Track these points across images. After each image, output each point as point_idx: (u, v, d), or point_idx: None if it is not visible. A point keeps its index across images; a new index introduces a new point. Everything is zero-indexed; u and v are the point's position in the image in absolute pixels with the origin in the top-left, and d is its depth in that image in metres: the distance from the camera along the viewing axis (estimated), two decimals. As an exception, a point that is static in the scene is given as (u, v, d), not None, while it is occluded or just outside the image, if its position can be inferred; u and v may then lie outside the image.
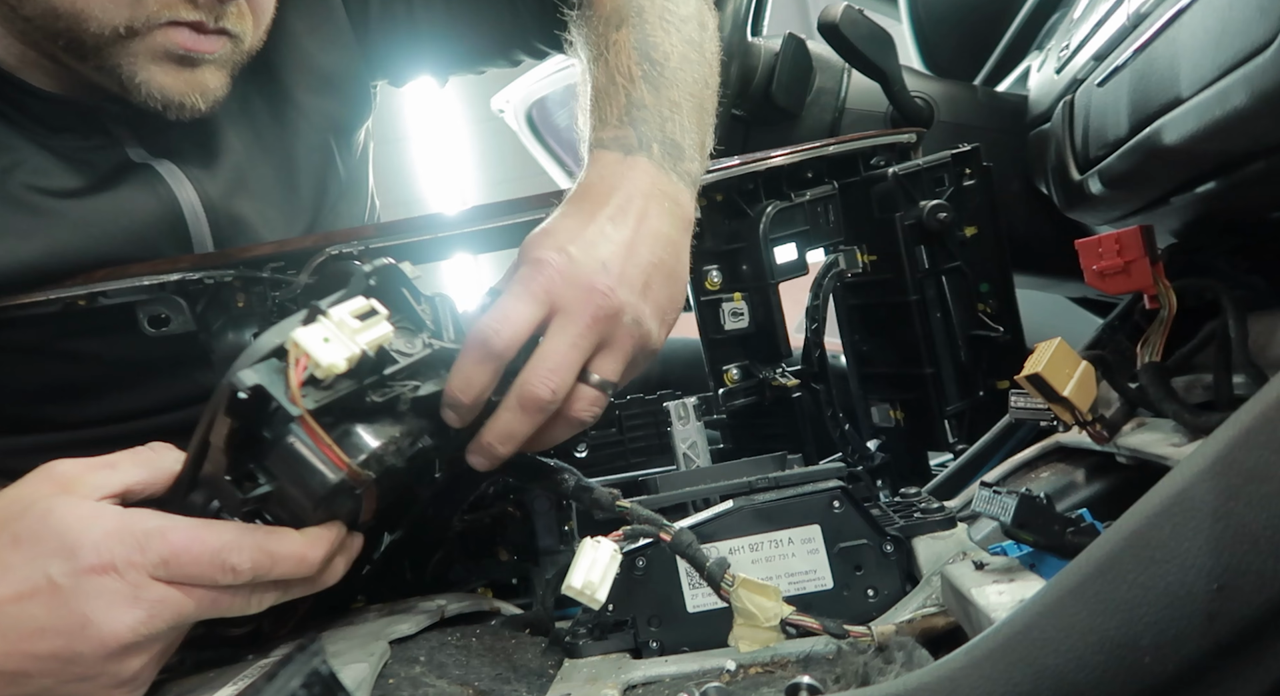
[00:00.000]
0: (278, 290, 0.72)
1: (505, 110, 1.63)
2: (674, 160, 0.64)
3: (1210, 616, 0.26)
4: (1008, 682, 0.28)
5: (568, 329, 0.54)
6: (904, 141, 0.79)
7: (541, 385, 0.53)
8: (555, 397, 0.54)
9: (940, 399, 0.74)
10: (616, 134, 0.64)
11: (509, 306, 0.54)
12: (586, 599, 0.46)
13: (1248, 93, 0.41)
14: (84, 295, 0.70)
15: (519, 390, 0.53)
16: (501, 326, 0.53)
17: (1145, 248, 0.54)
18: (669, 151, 0.63)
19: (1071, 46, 0.74)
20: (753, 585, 0.46)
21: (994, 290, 0.75)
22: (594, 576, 0.46)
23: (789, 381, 0.73)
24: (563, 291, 0.55)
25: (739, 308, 0.75)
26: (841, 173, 0.78)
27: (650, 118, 0.64)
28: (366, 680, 0.45)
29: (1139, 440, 0.52)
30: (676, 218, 0.61)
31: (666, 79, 0.68)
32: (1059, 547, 0.42)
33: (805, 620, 0.45)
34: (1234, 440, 0.28)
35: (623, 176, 0.60)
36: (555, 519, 0.76)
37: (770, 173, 0.76)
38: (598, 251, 0.56)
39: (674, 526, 0.49)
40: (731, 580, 0.46)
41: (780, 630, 0.46)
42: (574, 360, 0.54)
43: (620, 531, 0.49)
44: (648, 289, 0.57)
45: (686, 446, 0.70)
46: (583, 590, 0.46)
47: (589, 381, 0.55)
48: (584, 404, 0.55)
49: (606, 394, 0.56)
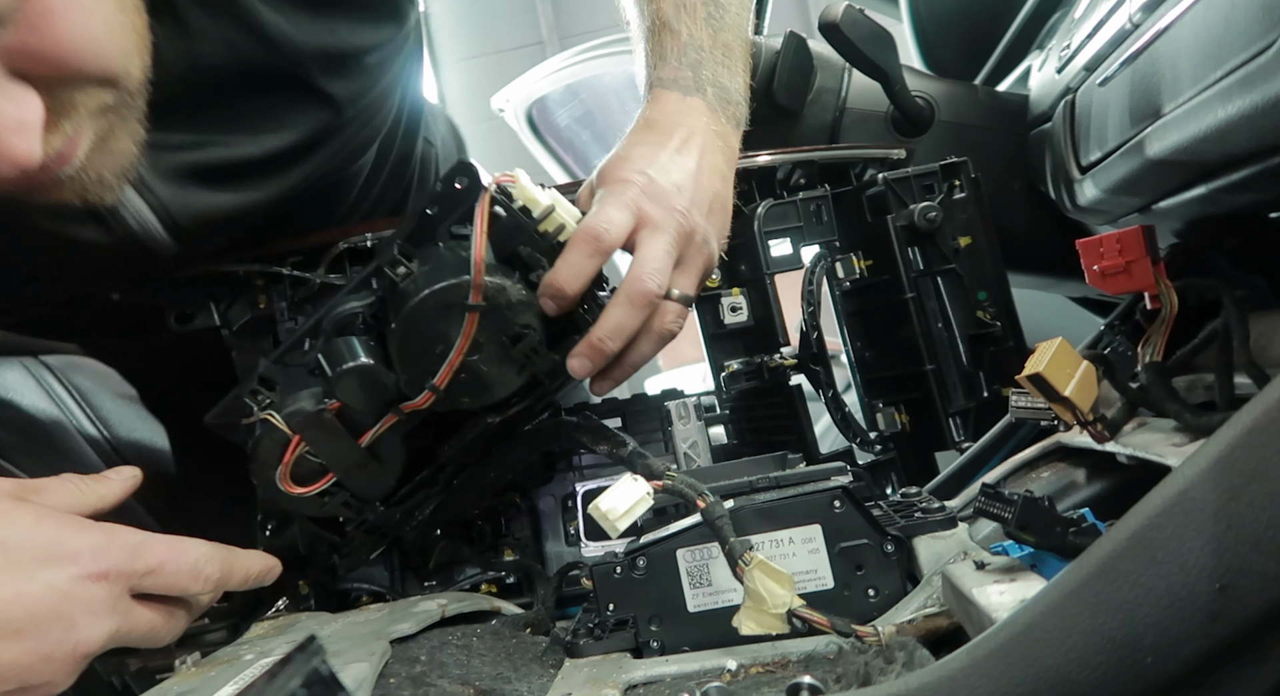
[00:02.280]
0: (296, 289, 0.73)
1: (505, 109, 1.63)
2: (724, 104, 0.70)
3: (1212, 616, 0.26)
4: (1009, 683, 0.28)
5: (660, 236, 0.60)
6: (894, 157, 0.79)
7: (650, 279, 0.59)
8: (660, 291, 0.59)
9: (943, 396, 0.74)
10: (676, 74, 0.69)
11: (610, 212, 0.59)
12: (606, 524, 0.48)
13: (1249, 93, 0.41)
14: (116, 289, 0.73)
15: (627, 288, 0.59)
16: (609, 225, 0.58)
17: (1146, 247, 0.54)
18: (720, 96, 0.69)
19: (1072, 46, 0.74)
20: (769, 569, 0.46)
21: (992, 298, 0.75)
22: (619, 506, 0.48)
23: (787, 361, 0.74)
24: (649, 207, 0.60)
25: (737, 302, 0.76)
26: (834, 180, 0.79)
27: (706, 61, 0.70)
28: (367, 680, 0.45)
29: (1140, 440, 0.52)
30: (728, 155, 0.68)
31: (726, 24, 0.72)
32: (1061, 549, 0.42)
33: (813, 615, 0.45)
34: (1235, 440, 0.28)
35: (684, 114, 0.66)
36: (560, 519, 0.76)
37: (764, 174, 0.77)
38: (671, 176, 0.62)
39: (711, 496, 0.49)
40: (750, 560, 0.46)
41: (786, 621, 0.46)
42: (668, 265, 0.60)
43: (660, 482, 0.51)
44: (712, 214, 0.64)
45: (687, 446, 0.70)
46: (605, 514, 0.48)
47: (672, 296, 0.61)
48: (671, 317, 0.61)
49: (688, 308, 0.62)
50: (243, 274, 0.73)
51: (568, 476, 0.77)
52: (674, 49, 0.70)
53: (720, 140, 0.67)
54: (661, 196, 0.61)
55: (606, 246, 0.58)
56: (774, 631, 0.46)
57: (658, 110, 0.67)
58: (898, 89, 0.90)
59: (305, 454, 0.60)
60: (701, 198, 0.63)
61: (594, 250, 0.58)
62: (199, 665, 0.53)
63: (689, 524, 0.51)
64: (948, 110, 0.94)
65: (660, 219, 0.60)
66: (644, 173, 0.61)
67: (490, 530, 0.76)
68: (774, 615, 0.46)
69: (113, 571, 0.49)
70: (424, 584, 0.75)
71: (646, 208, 0.60)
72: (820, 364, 0.75)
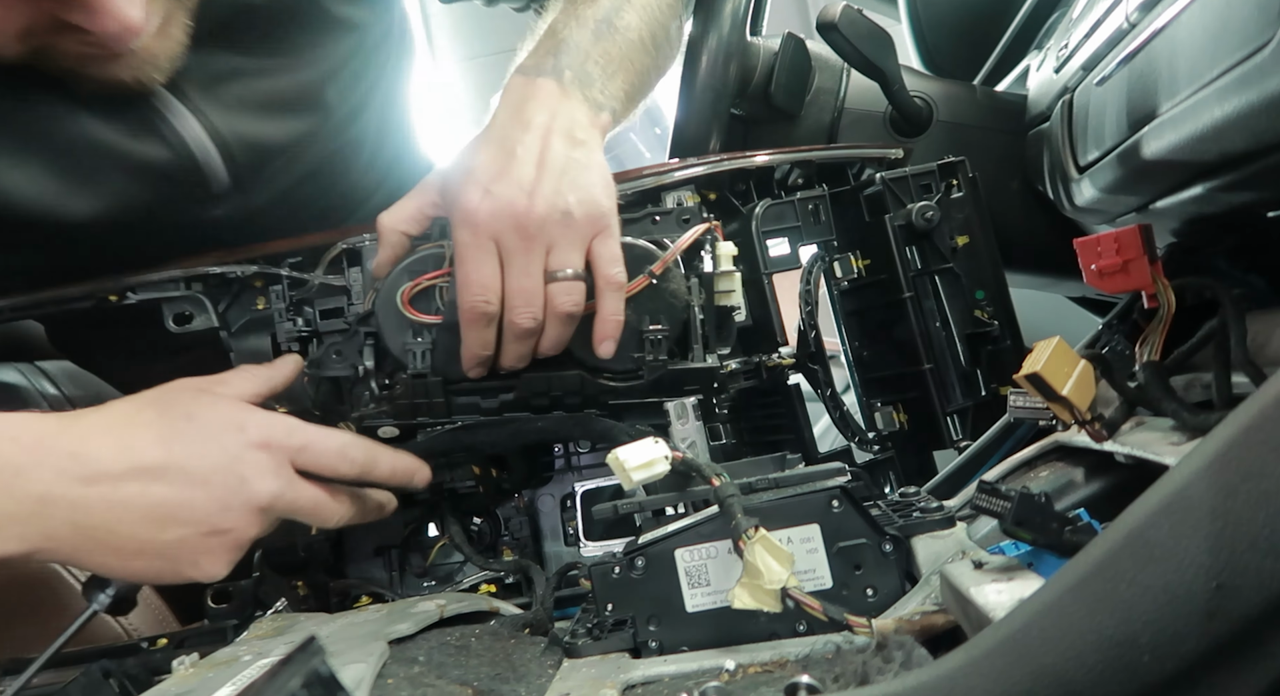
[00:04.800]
0: (295, 290, 0.73)
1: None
2: (583, 87, 0.69)
3: (1209, 614, 0.26)
4: (1006, 681, 0.28)
5: (514, 262, 0.62)
6: (891, 157, 0.80)
7: (523, 320, 0.62)
8: (539, 322, 0.63)
9: (941, 395, 0.74)
10: (536, 62, 0.69)
11: (473, 272, 0.62)
12: (620, 474, 0.51)
13: (1247, 91, 0.41)
14: (115, 290, 0.74)
15: (510, 330, 0.63)
16: (482, 292, 0.62)
17: (1144, 247, 0.54)
18: (581, 81, 0.69)
19: (1070, 45, 0.74)
20: (771, 545, 0.46)
21: (990, 297, 0.75)
22: (635, 461, 0.51)
23: (785, 361, 0.74)
24: (498, 230, 0.62)
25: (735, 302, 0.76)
26: (832, 180, 0.79)
27: (576, 55, 0.70)
28: (366, 680, 0.45)
29: (1138, 439, 0.52)
30: (579, 121, 0.67)
31: (615, 41, 0.72)
32: (1057, 546, 0.42)
33: (805, 597, 0.45)
34: (1232, 439, 0.28)
35: (528, 97, 0.66)
36: (559, 519, 0.76)
37: (761, 174, 0.77)
38: (515, 177, 0.62)
39: (725, 476, 0.50)
40: (754, 535, 0.46)
41: (780, 599, 0.46)
42: (533, 285, 0.63)
43: (680, 454, 0.53)
44: (567, 182, 0.63)
45: (686, 445, 0.70)
46: (622, 463, 0.51)
47: (557, 277, 0.63)
48: (560, 299, 0.63)
49: (578, 278, 0.63)
50: (241, 274, 0.73)
51: (567, 476, 0.77)
52: (548, 44, 0.71)
53: (567, 105, 0.67)
54: (504, 210, 0.61)
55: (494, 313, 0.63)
56: (767, 607, 0.46)
57: (504, 101, 0.67)
58: (896, 89, 0.90)
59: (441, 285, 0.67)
60: (548, 181, 0.62)
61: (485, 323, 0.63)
62: (197, 666, 0.53)
63: (687, 524, 0.51)
64: (946, 110, 0.94)
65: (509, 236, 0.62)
66: (487, 191, 0.62)
67: (489, 530, 0.76)
68: (768, 591, 0.45)
69: (273, 442, 0.60)
70: (423, 584, 0.75)
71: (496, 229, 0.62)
72: (818, 363, 0.75)
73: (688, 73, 0.90)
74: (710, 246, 0.69)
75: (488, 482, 0.74)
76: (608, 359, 0.66)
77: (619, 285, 0.64)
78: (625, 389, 0.68)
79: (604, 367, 0.68)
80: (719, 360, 0.68)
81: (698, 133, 0.90)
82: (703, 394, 0.69)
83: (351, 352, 0.71)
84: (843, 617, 0.44)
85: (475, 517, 0.76)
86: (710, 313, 0.69)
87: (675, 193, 0.74)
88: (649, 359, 0.66)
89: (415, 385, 0.68)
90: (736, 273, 0.69)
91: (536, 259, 0.62)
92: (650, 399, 0.69)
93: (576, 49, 0.70)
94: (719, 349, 0.70)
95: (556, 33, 0.72)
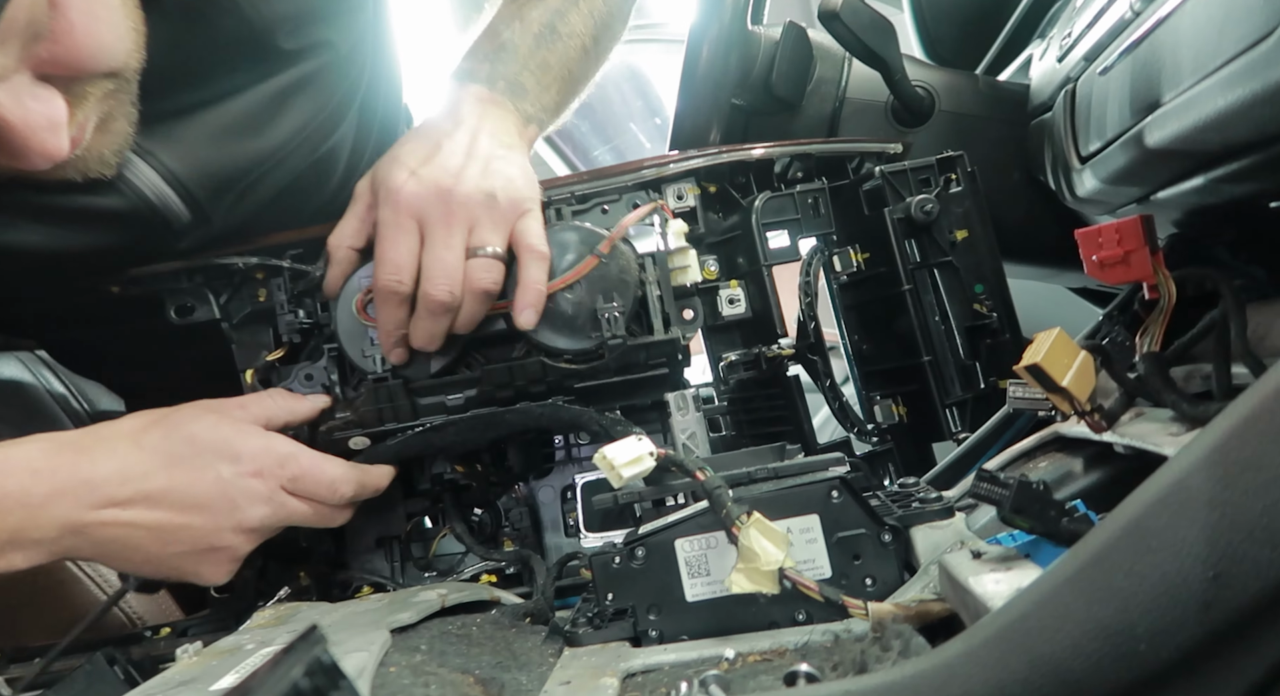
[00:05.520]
0: (295, 283, 0.73)
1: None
2: (515, 98, 0.72)
3: (1206, 604, 0.26)
4: (1004, 670, 0.28)
5: (435, 236, 0.65)
6: (890, 151, 0.79)
7: (439, 292, 0.64)
8: (455, 297, 0.65)
9: (940, 387, 0.74)
10: (472, 66, 0.72)
11: (389, 250, 0.65)
12: (609, 472, 0.52)
13: (1249, 81, 0.41)
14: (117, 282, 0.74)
15: (424, 302, 0.65)
16: (395, 271, 0.65)
17: (1145, 237, 0.53)
18: (513, 89, 0.72)
19: (1073, 35, 0.74)
20: (765, 527, 0.46)
21: (989, 291, 0.75)
22: (622, 459, 0.52)
23: (785, 352, 0.74)
24: (421, 207, 0.65)
25: (735, 294, 0.76)
26: (831, 173, 0.79)
27: (512, 63, 0.72)
28: (368, 668, 0.45)
29: (1137, 430, 0.52)
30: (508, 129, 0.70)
31: (555, 49, 0.74)
32: (1055, 534, 0.42)
33: (802, 578, 0.46)
34: (1231, 429, 0.28)
35: (460, 101, 0.70)
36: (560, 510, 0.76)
37: (761, 166, 0.77)
38: (441, 162, 0.65)
39: (709, 470, 0.51)
40: (747, 519, 0.46)
41: (778, 580, 0.46)
42: (453, 259, 0.65)
43: (664, 451, 0.54)
44: (489, 172, 0.66)
45: (686, 437, 0.70)
46: (610, 460, 0.52)
47: (476, 255, 0.65)
48: (478, 274, 0.65)
49: (495, 257, 0.66)
50: (242, 266, 0.73)
51: (567, 468, 0.77)
52: (487, 48, 0.73)
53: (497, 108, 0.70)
54: (428, 192, 0.65)
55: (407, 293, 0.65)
56: (764, 589, 0.46)
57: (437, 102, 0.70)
58: (898, 79, 0.90)
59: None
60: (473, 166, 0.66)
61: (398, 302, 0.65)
62: (200, 654, 0.53)
63: (687, 514, 0.51)
64: (948, 100, 0.94)
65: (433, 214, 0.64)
66: (414, 173, 0.65)
67: (490, 521, 0.76)
68: (765, 573, 0.46)
69: (265, 472, 0.64)
70: (424, 575, 0.75)
71: (420, 208, 0.65)
72: (818, 354, 0.75)
73: (689, 64, 0.90)
74: (661, 226, 0.70)
75: (478, 478, 0.74)
76: (530, 329, 0.67)
77: (541, 255, 0.66)
78: (589, 370, 0.68)
79: (565, 351, 0.68)
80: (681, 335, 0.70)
81: (698, 124, 0.90)
82: (669, 368, 0.70)
83: (320, 373, 0.73)
84: (839, 598, 0.45)
85: (476, 509, 0.77)
86: (668, 289, 0.69)
87: (675, 185, 0.74)
88: (607, 337, 0.67)
89: (378, 390, 0.69)
90: (690, 249, 0.70)
91: (458, 235, 0.65)
92: (617, 378, 0.70)
93: (514, 56, 0.72)
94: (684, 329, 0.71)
95: (498, 34, 0.72)
